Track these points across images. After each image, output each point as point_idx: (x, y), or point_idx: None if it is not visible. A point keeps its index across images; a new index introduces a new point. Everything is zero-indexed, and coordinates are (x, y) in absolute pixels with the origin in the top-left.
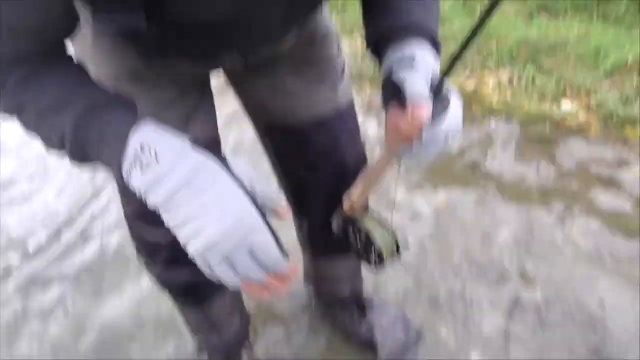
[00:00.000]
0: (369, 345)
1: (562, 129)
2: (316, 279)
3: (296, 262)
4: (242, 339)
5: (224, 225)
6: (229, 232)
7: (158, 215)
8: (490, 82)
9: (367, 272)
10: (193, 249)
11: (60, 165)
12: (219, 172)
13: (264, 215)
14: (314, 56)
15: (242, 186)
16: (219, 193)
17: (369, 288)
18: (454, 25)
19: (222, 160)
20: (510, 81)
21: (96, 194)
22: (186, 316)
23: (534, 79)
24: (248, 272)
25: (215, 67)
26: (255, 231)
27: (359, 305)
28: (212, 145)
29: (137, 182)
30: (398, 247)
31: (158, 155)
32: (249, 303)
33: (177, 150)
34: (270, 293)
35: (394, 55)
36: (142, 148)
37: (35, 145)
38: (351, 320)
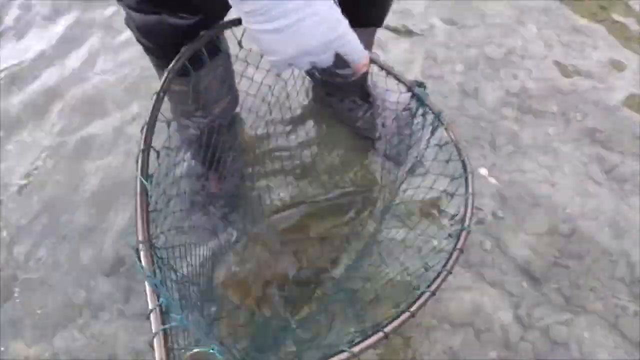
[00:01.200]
0: (368, 137)
1: None
2: None
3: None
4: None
5: (319, 35)
6: (322, 42)
7: None
8: None
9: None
10: (279, 57)
11: None
12: None
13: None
14: None
15: None
16: (319, 6)
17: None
18: None
19: None
20: None
21: None
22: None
23: None
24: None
25: None
26: (345, 36)
27: (362, 93)
28: None
29: None
30: None
31: None
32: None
33: None
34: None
35: None
36: None
37: None
38: (352, 112)
